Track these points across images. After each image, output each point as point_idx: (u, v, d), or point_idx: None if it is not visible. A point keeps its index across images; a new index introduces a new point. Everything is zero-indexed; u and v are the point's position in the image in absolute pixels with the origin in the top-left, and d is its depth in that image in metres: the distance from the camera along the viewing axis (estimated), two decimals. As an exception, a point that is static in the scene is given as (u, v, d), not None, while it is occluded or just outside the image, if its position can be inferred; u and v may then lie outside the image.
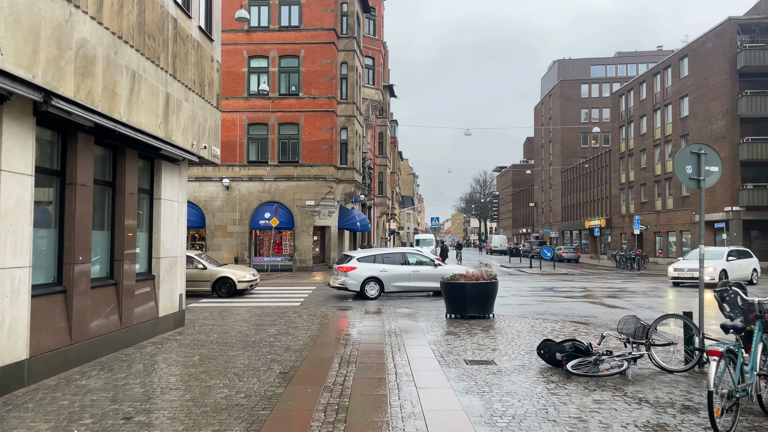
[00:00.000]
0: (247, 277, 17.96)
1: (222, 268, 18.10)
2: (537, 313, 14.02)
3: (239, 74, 31.61)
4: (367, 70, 43.16)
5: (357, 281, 17.64)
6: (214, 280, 17.65)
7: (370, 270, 17.77)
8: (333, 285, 18.15)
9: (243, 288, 17.84)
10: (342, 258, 19.14)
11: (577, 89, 74.38)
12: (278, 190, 31.31)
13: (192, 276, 17.29)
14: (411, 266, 18.22)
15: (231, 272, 17.91)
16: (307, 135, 31.31)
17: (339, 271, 17.96)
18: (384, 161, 56.07)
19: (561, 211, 72.93)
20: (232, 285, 17.66)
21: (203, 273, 17.65)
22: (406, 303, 16.50)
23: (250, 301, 17.09)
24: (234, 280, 17.67)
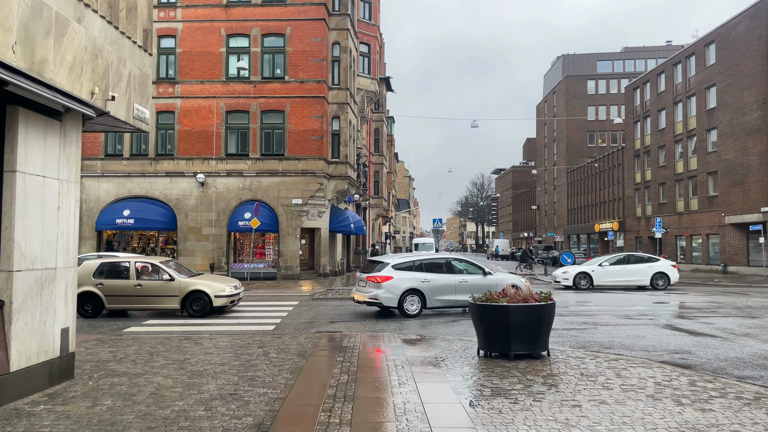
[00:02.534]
0: (226, 291, 14.16)
1: (195, 279, 14.33)
2: (601, 345, 10.09)
3: (216, 55, 27.66)
4: (362, 58, 39.31)
5: (394, 294, 13.84)
6: (184, 295, 13.92)
7: (409, 280, 14.02)
8: (360, 299, 14.29)
9: (221, 305, 14.08)
10: (369, 265, 15.30)
11: (583, 85, 70.77)
12: (261, 187, 27.34)
13: (154, 289, 13.78)
14: (457, 275, 14.56)
15: (206, 285, 14.13)
16: (293, 124, 27.37)
17: (368, 282, 14.12)
18: (380, 159, 52.18)
19: (566, 213, 69.19)
20: (206, 301, 13.91)
21: (169, 286, 13.97)
22: (447, 324, 12.51)
23: (220, 323, 13.09)
24: (209, 294, 13.90)
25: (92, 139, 27.58)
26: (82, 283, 13.44)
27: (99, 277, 13.92)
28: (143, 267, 14.18)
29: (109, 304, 13.84)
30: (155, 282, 13.93)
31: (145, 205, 27.15)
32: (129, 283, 13.87)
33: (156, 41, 27.79)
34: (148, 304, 14.02)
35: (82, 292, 13.42)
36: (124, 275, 14.04)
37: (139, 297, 13.80)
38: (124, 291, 13.81)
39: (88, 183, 27.55)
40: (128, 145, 27.72)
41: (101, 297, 13.81)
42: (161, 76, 27.85)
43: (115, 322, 13.44)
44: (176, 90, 27.63)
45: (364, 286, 14.25)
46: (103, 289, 13.85)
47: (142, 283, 13.84)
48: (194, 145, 27.52)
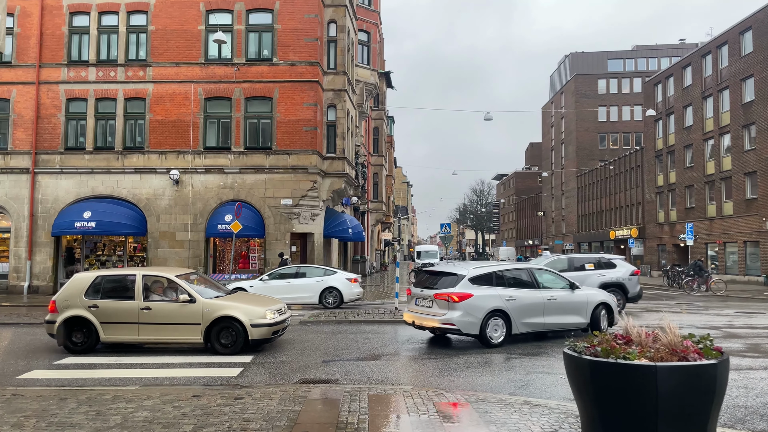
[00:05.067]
0: (267, 318, 9.91)
1: (223, 301, 10.21)
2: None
3: (194, 33, 23.95)
4: (361, 47, 35.68)
5: (476, 318, 10.38)
6: (209, 323, 9.80)
7: (492, 298, 10.62)
8: (425, 325, 10.67)
9: (260, 337, 9.91)
10: (428, 277, 11.46)
11: (593, 85, 67.31)
12: (244, 186, 23.55)
13: (168, 314, 9.78)
14: (543, 290, 11.28)
15: (238, 308, 9.93)
16: (283, 113, 23.63)
17: (437, 300, 10.51)
18: (380, 161, 48.51)
19: (576, 220, 65.51)
20: (239, 332, 9.77)
21: (188, 310, 9.83)
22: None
23: (163, 362, 9.24)
24: (243, 323, 9.75)
25: (50, 130, 23.81)
26: (70, 305, 9.96)
27: (93, 297, 10.03)
28: (154, 282, 10.27)
29: (105, 334, 9.91)
30: (169, 304, 9.90)
31: (110, 206, 23.32)
32: (133, 306, 9.88)
33: (125, 18, 24.09)
34: (159, 336, 9.93)
35: (69, 317, 9.89)
36: (127, 294, 10.07)
37: (146, 326, 9.82)
38: (127, 316, 9.87)
39: (45, 180, 23.75)
40: (92, 136, 23.93)
41: (95, 324, 9.89)
42: (130, 57, 24.12)
43: (32, 358, 9.58)
44: (147, 74, 23.89)
45: (428, 306, 10.72)
46: (98, 313, 9.91)
47: (152, 306, 9.87)
48: (168, 137, 23.76)
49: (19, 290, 23.12)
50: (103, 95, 23.88)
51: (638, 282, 17.05)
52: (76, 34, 24.16)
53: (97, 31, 24.06)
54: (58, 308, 9.93)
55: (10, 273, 23.42)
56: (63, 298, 9.98)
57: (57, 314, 9.91)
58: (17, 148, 23.79)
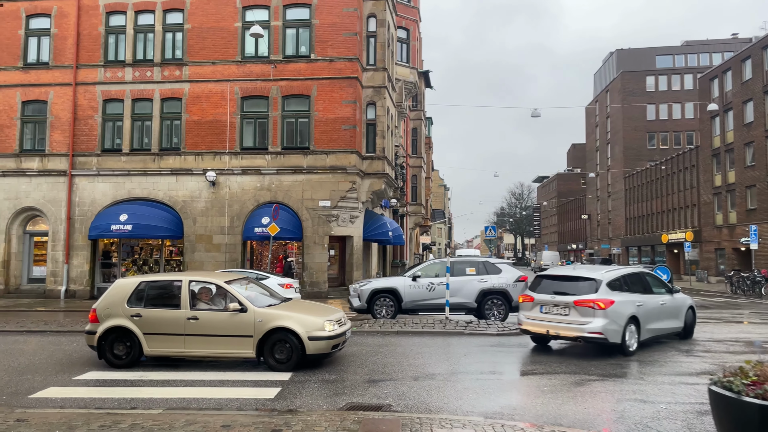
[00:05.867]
0: (326, 329, 8.77)
1: (277, 310, 9.03)
2: None
3: (230, 31, 23.27)
4: (400, 45, 34.68)
5: (619, 325, 9.82)
6: (262, 335, 8.70)
7: (628, 304, 10.17)
8: (567, 335, 9.94)
9: (319, 351, 8.74)
10: (557, 282, 10.60)
11: (641, 82, 64.45)
12: (281, 187, 22.70)
13: (216, 325, 8.82)
14: (656, 295, 11.17)
15: (293, 318, 8.77)
16: (321, 111, 22.69)
17: (580, 307, 9.75)
18: (418, 162, 47.25)
19: (624, 223, 62.72)
20: (295, 346, 8.64)
21: (239, 320, 8.75)
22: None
23: (186, 378, 8.25)
24: (300, 335, 8.63)
25: (87, 131, 23.48)
26: (111, 314, 9.03)
27: (136, 305, 9.06)
28: (201, 289, 9.25)
29: (149, 346, 8.92)
30: (218, 314, 8.82)
31: (147, 209, 22.79)
32: (179, 316, 8.86)
33: (161, 16, 23.60)
34: (207, 349, 8.85)
35: (111, 327, 8.95)
36: (172, 302, 9.06)
37: (193, 338, 8.77)
38: (172, 327, 8.86)
39: (82, 183, 23.42)
40: (128, 138, 23.49)
41: (138, 336, 8.92)
42: (167, 56, 23.60)
43: (51, 372, 8.75)
44: (183, 73, 23.32)
45: (564, 314, 9.98)
46: (141, 323, 8.92)
47: (199, 316, 8.83)
48: (204, 137, 23.12)
49: (56, 294, 22.80)
50: (140, 96, 23.43)
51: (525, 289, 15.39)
52: (113, 34, 23.81)
53: (133, 31, 23.65)
54: (99, 317, 9.03)
55: (47, 277, 23.14)
56: (104, 307, 9.08)
57: (98, 324, 9.01)
58: (54, 150, 23.53)
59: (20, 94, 23.72)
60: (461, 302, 14.75)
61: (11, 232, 23.53)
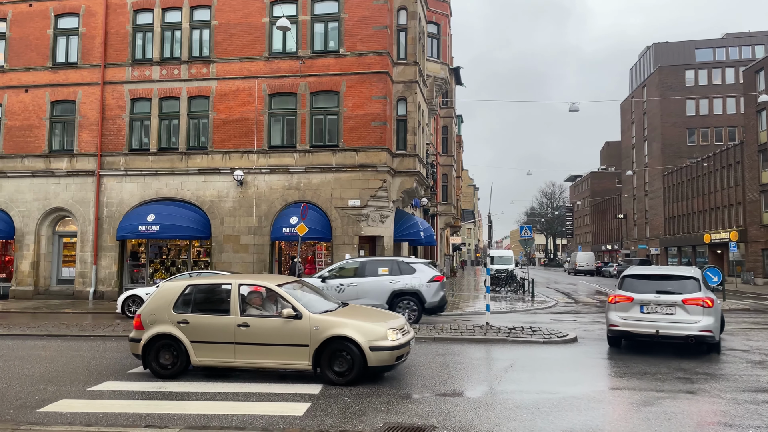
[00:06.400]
0: (389, 338, 7.80)
1: (334, 317, 8.10)
2: None
3: (258, 27, 22.75)
4: (430, 40, 33.78)
5: (718, 322, 10.40)
6: (319, 344, 7.84)
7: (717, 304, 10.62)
8: (678, 334, 9.88)
9: (381, 363, 7.78)
10: (652, 282, 10.49)
11: (680, 76, 62.10)
12: (310, 186, 22.06)
13: (269, 333, 7.98)
14: None
15: (353, 326, 7.87)
16: (350, 107, 21.98)
17: (690, 306, 9.89)
18: (449, 161, 46.28)
19: (663, 222, 60.48)
20: (355, 356, 7.72)
21: (293, 327, 7.91)
22: None
23: (204, 390, 7.57)
24: (360, 344, 7.71)
25: (115, 131, 23.26)
26: (157, 320, 8.33)
27: (183, 310, 8.32)
28: (252, 293, 8.47)
29: (197, 355, 8.15)
30: (270, 320, 8.00)
31: (174, 209, 22.42)
32: (229, 322, 8.08)
33: (188, 13, 23.22)
34: (259, 359, 8.00)
35: (157, 334, 8.25)
36: (221, 307, 8.31)
37: (244, 347, 7.99)
38: (221, 334, 8.08)
39: (110, 183, 23.20)
40: (155, 137, 23.17)
41: (185, 344, 8.18)
42: (194, 54, 23.21)
43: (66, 382, 8.18)
44: (211, 70, 22.89)
45: (670, 314, 9.97)
46: (189, 330, 8.17)
47: (250, 323, 8.02)
48: (231, 136, 22.64)
49: (84, 296, 22.60)
50: (167, 94, 23.08)
51: (441, 289, 14.59)
52: (140, 32, 23.53)
53: (160, 29, 23.33)
54: (144, 324, 8.38)
55: (76, 278, 22.97)
56: (149, 312, 8.42)
57: (142, 331, 8.37)
58: (83, 150, 23.36)
59: (49, 95, 23.63)
60: (372, 303, 13.96)
61: (40, 232, 23.45)
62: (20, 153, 23.66)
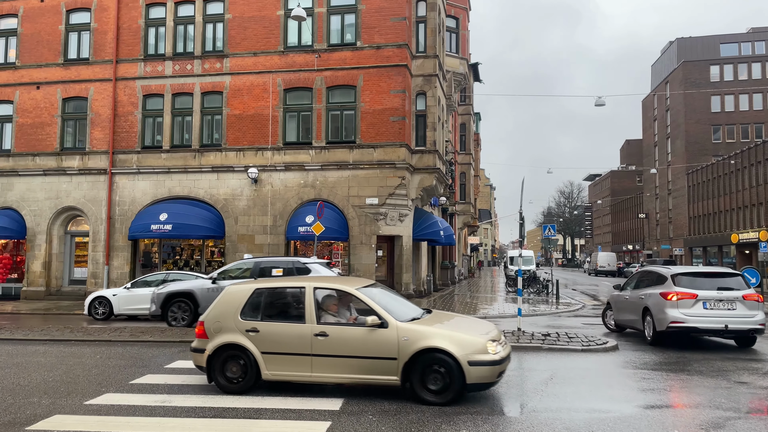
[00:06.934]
0: (489, 351, 6.75)
1: (424, 326, 7.04)
2: None
3: (272, 20, 22.07)
4: (449, 34, 32.92)
5: None
6: (409, 358, 6.78)
7: None
8: (742, 329, 10.55)
9: (482, 380, 6.76)
10: (702, 279, 11.03)
11: (704, 71, 60.45)
12: (326, 183, 21.32)
13: (351, 344, 6.96)
14: None
15: (447, 336, 6.84)
16: (367, 102, 21.21)
17: (748, 301, 10.64)
18: (467, 159, 45.30)
19: (687, 222, 58.88)
20: (451, 370, 6.67)
21: (379, 338, 6.89)
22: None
23: (227, 405, 6.80)
24: (457, 357, 6.65)
25: (127, 128, 22.73)
26: (222, 328, 7.36)
27: (252, 317, 7.35)
28: (327, 297, 7.46)
29: (268, 368, 7.17)
30: (352, 330, 7.01)
31: (187, 208, 21.83)
32: (304, 331, 7.10)
33: (201, 7, 22.61)
34: (339, 374, 7.01)
35: (224, 344, 7.28)
36: (294, 313, 7.36)
37: (322, 359, 7.03)
38: (296, 345, 7.10)
39: (122, 181, 22.67)
40: (168, 134, 22.60)
41: (254, 355, 7.19)
42: (207, 49, 22.60)
43: (62, 394, 7.49)
44: (224, 65, 22.26)
45: (731, 309, 10.48)
46: (259, 340, 7.19)
47: (329, 332, 7.04)
48: (246, 132, 21.98)
49: (96, 296, 22.07)
50: (180, 90, 22.50)
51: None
52: (152, 27, 22.98)
53: (173, 23, 22.75)
54: (208, 332, 7.41)
55: (88, 279, 22.48)
56: (214, 319, 7.45)
57: (206, 340, 7.39)
58: (95, 148, 22.87)
59: (61, 91, 23.18)
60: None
61: (52, 232, 22.99)
62: (32, 151, 23.24)
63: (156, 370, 8.54)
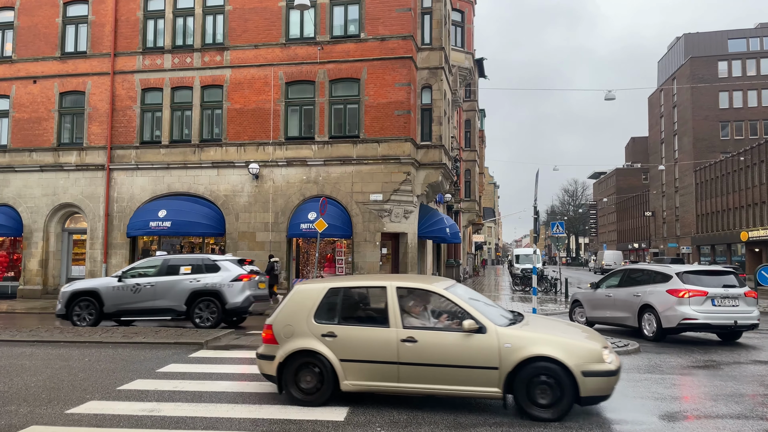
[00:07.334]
0: (605, 360, 5.98)
1: (527, 331, 6.31)
2: None
3: (274, 11, 21.48)
4: (454, 28, 32.29)
5: None
6: (513, 368, 6.01)
7: None
8: (746, 324, 11.01)
9: (599, 393, 5.99)
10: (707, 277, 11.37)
11: (712, 67, 59.65)
12: (329, 179, 20.73)
13: (444, 353, 6.17)
14: None
15: (559, 344, 6.07)
16: (371, 96, 20.62)
17: (748, 298, 11.21)
18: (472, 156, 44.62)
19: (695, 220, 58.11)
20: (562, 383, 5.89)
21: (477, 346, 6.11)
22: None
23: (226, 391, 6.22)
24: (569, 367, 5.87)
25: (125, 123, 22.18)
26: (294, 332, 6.59)
27: (327, 320, 6.60)
28: (411, 298, 6.71)
29: (348, 378, 6.40)
30: (444, 335, 6.21)
31: (187, 205, 21.28)
32: (389, 336, 6.31)
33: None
34: (429, 385, 6.20)
35: (298, 350, 6.51)
36: (376, 316, 6.64)
37: (410, 367, 6.22)
38: (380, 352, 6.31)
39: (120, 177, 22.14)
40: (167, 129, 22.05)
41: (332, 364, 6.41)
42: (207, 41, 22.03)
43: (42, 401, 6.94)
44: (225, 58, 21.68)
45: (735, 306, 10.94)
46: (336, 346, 6.44)
47: (418, 337, 6.25)
48: (246, 127, 21.41)
49: (93, 295, 21.53)
50: (179, 84, 21.93)
51: (246, 289, 13.12)
52: (151, 19, 22.41)
53: (172, 15, 22.18)
54: (278, 336, 6.64)
55: (86, 277, 21.93)
56: (283, 321, 6.68)
57: (276, 346, 6.62)
58: (92, 143, 22.33)
59: (58, 85, 22.65)
60: (169, 305, 13.00)
61: (49, 229, 22.47)
62: (28, 146, 22.72)
63: (147, 374, 7.97)
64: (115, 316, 13.43)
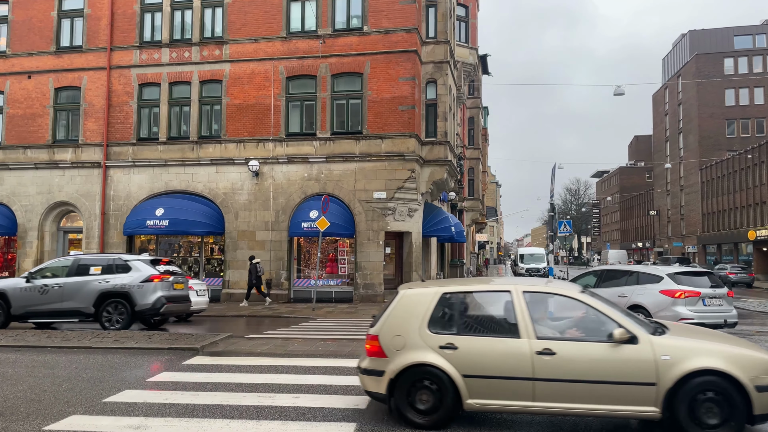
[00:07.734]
0: None
1: (683, 340, 5.50)
2: None
3: (274, 3, 20.91)
4: (458, 23, 31.70)
5: None
6: (672, 384, 5.13)
7: None
8: (732, 322, 11.66)
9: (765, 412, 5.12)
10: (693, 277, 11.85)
11: (718, 64, 58.94)
12: (331, 177, 20.16)
13: (590, 367, 5.29)
14: None
15: (719, 353, 5.26)
16: (375, 90, 20.03)
17: (730, 298, 11.96)
18: (476, 154, 44.04)
19: (700, 218, 57.45)
20: (731, 397, 5.06)
21: (628, 358, 5.25)
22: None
23: (233, 403, 5.62)
24: (743, 383, 5.05)
25: (122, 119, 21.61)
26: (406, 344, 5.71)
27: (445, 329, 5.76)
28: (540, 304, 5.94)
29: (473, 396, 5.52)
30: (589, 346, 5.43)
31: (185, 203, 20.72)
32: (521, 348, 5.50)
33: (199, -9, 21.45)
34: (572, 403, 5.34)
35: (412, 365, 5.62)
36: (501, 325, 5.80)
37: (547, 384, 5.37)
38: (511, 367, 5.47)
39: (117, 175, 21.58)
40: (165, 125, 21.48)
41: (454, 379, 5.51)
42: (206, 35, 21.45)
43: (19, 417, 6.35)
44: (224, 52, 21.11)
45: (720, 305, 11.49)
46: (457, 359, 5.57)
47: (556, 349, 5.44)
48: (246, 123, 20.84)
49: (89, 296, 20.98)
50: (177, 78, 21.36)
51: (157, 290, 12.51)
52: (148, 12, 21.84)
53: (170, 8, 21.61)
54: (386, 349, 5.76)
55: (81, 277, 21.36)
56: (392, 332, 5.81)
57: (386, 359, 5.74)
58: (88, 140, 21.77)
59: (53, 81, 22.09)
60: (76, 307, 12.35)
61: (44, 228, 21.92)
62: (23, 143, 22.17)
63: (136, 384, 7.39)
64: (23, 319, 12.81)
